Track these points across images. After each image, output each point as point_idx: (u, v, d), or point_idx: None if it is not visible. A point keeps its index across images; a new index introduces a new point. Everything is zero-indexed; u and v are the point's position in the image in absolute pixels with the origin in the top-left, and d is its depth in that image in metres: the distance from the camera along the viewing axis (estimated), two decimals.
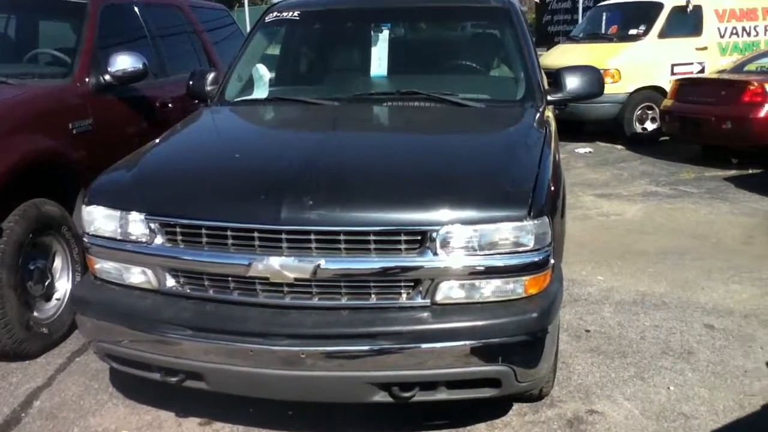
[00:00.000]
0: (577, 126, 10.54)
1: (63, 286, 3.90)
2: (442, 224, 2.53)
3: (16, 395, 3.34)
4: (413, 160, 3.08)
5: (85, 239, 2.93)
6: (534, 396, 3.10)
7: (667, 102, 9.20)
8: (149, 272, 2.76)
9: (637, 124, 10.21)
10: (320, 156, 3.01)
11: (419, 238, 2.54)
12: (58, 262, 3.90)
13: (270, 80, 4.34)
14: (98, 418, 3.12)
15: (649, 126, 10.22)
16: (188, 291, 2.73)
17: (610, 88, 9.11)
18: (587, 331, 3.96)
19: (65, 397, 3.32)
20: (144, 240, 2.74)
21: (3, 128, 3.62)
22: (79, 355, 3.71)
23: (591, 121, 10.43)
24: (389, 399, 2.62)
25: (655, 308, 4.27)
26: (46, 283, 3.80)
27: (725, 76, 8.82)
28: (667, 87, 9.60)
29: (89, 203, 2.89)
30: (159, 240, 2.72)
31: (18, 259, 3.54)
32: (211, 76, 4.18)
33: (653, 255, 5.25)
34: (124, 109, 4.65)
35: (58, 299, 3.88)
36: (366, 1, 4.78)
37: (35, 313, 3.71)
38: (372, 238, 2.54)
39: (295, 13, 4.43)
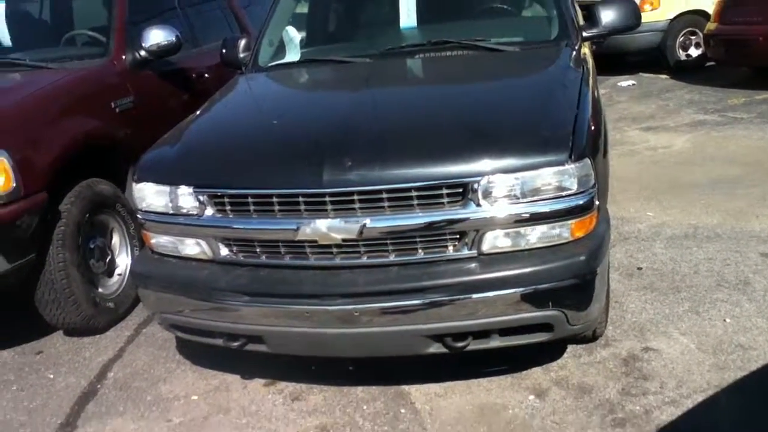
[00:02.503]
0: (618, 58, 10.24)
1: (123, 261, 4.05)
2: (482, 175, 2.54)
3: (91, 368, 3.51)
4: (448, 112, 3.07)
5: (138, 215, 3.04)
6: (588, 337, 3.12)
7: (711, 25, 8.84)
8: (203, 243, 2.85)
9: (680, 51, 9.85)
10: (356, 116, 3.04)
11: (461, 190, 2.56)
12: (116, 239, 4.04)
13: (301, 41, 4.35)
14: (169, 386, 3.28)
15: (694, 52, 9.85)
16: (242, 258, 2.82)
17: (649, 16, 8.84)
18: (639, 268, 3.94)
19: (136, 367, 3.48)
20: (195, 212, 2.82)
21: (50, 114, 3.74)
22: (145, 326, 3.87)
23: (632, 52, 10.11)
24: (444, 349, 2.69)
25: (707, 240, 4.21)
26: (107, 260, 3.96)
27: None
28: (710, 9, 9.21)
29: (139, 180, 2.99)
30: (209, 211, 2.80)
31: (78, 239, 3.68)
32: (242, 42, 4.21)
33: (704, 186, 5.14)
34: (162, 84, 4.72)
35: (120, 274, 4.04)
36: None
37: (100, 289, 3.87)
38: (414, 194, 2.56)
39: None
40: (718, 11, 8.75)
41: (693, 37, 9.79)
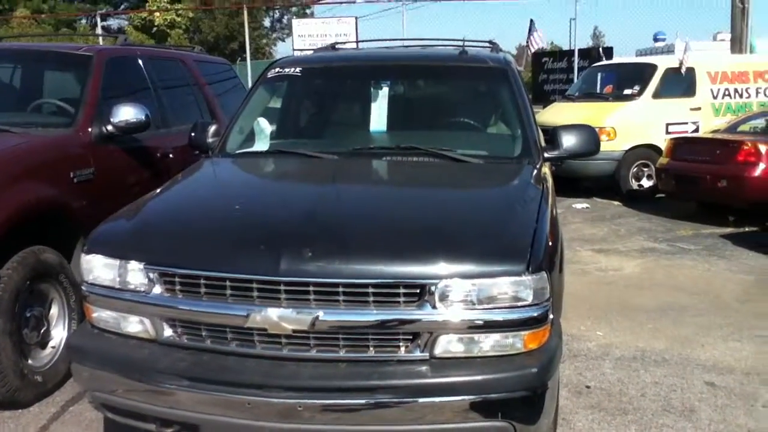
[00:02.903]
0: (574, 182, 10.64)
1: (59, 333, 3.88)
2: (440, 278, 2.54)
3: None
4: (412, 214, 3.09)
5: (83, 287, 2.92)
6: None
7: (663, 160, 9.31)
8: (147, 321, 2.74)
9: (633, 181, 10.31)
10: (319, 208, 3.04)
11: (418, 291, 2.55)
12: (54, 310, 3.89)
13: (271, 133, 4.40)
14: None
15: (645, 183, 10.32)
16: (185, 341, 2.72)
17: (606, 146, 9.25)
18: (587, 387, 3.92)
19: None
20: (142, 289, 2.74)
21: (4, 176, 3.66)
22: (72, 404, 3.67)
23: (588, 177, 10.54)
24: None
25: (655, 365, 4.24)
26: (42, 331, 3.78)
27: (720, 136, 8.96)
28: (663, 145, 9.73)
29: (89, 252, 2.90)
30: (157, 289, 2.71)
31: (15, 306, 3.53)
32: (212, 128, 4.24)
33: (652, 311, 5.23)
34: (125, 159, 4.71)
35: (53, 347, 3.85)
36: (366, 60, 4.89)
37: (30, 361, 3.68)
38: (371, 290, 2.54)
39: (297, 70, 4.52)
40: (670, 148, 9.24)
41: (645, 169, 10.28)
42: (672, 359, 4.32)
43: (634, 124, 10.24)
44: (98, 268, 2.84)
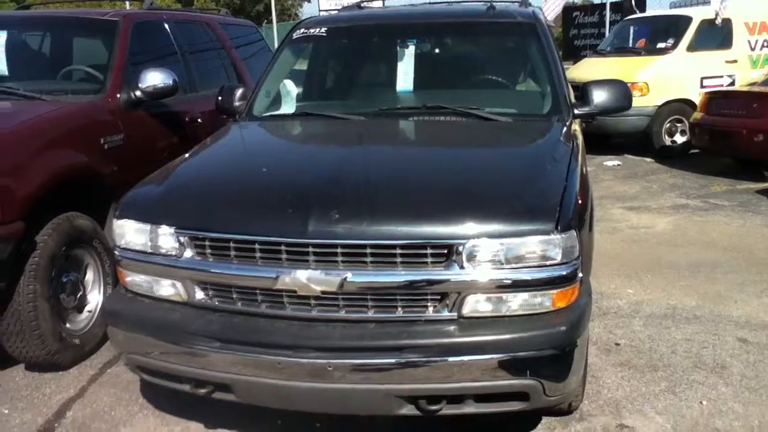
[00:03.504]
0: (605, 139, 10.47)
1: (95, 298, 3.96)
2: (468, 238, 2.53)
3: (50, 405, 3.39)
4: (439, 174, 3.09)
5: (116, 252, 2.98)
6: (563, 410, 3.07)
7: (697, 115, 9.10)
8: (179, 285, 2.79)
9: (666, 137, 10.11)
10: (346, 170, 3.04)
11: (445, 251, 2.55)
12: (90, 275, 3.97)
13: (297, 95, 4.39)
14: (129, 429, 3.16)
15: (679, 139, 10.11)
16: (217, 303, 2.76)
17: (638, 101, 9.06)
18: (617, 344, 3.91)
19: (97, 407, 3.36)
20: (173, 253, 2.78)
21: (37, 144, 3.71)
22: (110, 366, 3.76)
23: (619, 134, 10.35)
24: (416, 412, 2.62)
25: (686, 322, 4.21)
26: (79, 295, 3.87)
27: (757, 89, 8.70)
28: (697, 100, 9.50)
29: (120, 217, 2.94)
30: (188, 253, 2.76)
31: (51, 272, 3.61)
32: (239, 91, 4.24)
33: (684, 268, 5.18)
34: (154, 125, 4.74)
35: (90, 311, 3.94)
36: (392, 18, 4.84)
37: (68, 325, 3.77)
38: (398, 251, 2.54)
39: (322, 30, 4.48)
40: (705, 102, 9.02)
41: (679, 125, 10.06)
42: (704, 316, 4.28)
43: (667, 78, 9.99)
44: (130, 233, 2.89)
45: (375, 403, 2.65)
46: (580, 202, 2.80)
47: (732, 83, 10.14)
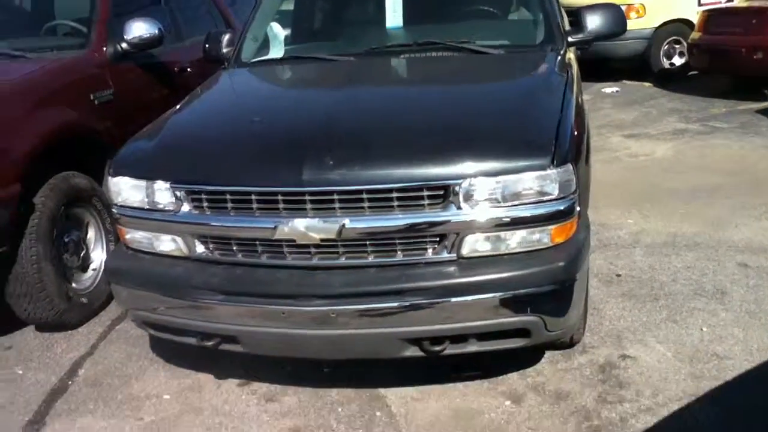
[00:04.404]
0: (602, 65, 10.30)
1: (98, 256, 3.98)
2: (464, 177, 2.52)
3: (62, 364, 3.45)
4: (432, 113, 3.04)
5: (114, 210, 2.98)
6: (565, 343, 3.11)
7: (695, 35, 8.92)
8: (179, 240, 2.80)
9: (664, 59, 9.93)
10: (338, 115, 3.00)
11: (442, 192, 2.54)
12: (91, 233, 3.97)
13: (285, 38, 4.30)
14: (141, 384, 3.22)
15: (677, 61, 9.94)
16: (218, 256, 2.77)
17: (634, 24, 8.89)
18: (618, 275, 3.94)
19: (108, 364, 3.42)
20: (171, 208, 2.77)
21: (27, 104, 3.66)
22: (118, 323, 3.81)
23: (617, 59, 10.16)
24: (420, 353, 2.66)
25: (686, 249, 4.22)
26: (82, 254, 3.88)
27: (756, 5, 8.50)
28: (695, 19, 9.29)
29: (115, 174, 2.92)
30: (186, 207, 2.75)
31: (52, 233, 3.61)
32: (226, 37, 4.16)
33: (684, 194, 5.17)
34: (143, 77, 4.66)
35: (94, 269, 3.97)
36: None
37: (73, 284, 3.80)
38: (395, 195, 2.53)
39: None
40: (703, 21, 8.84)
41: (677, 46, 9.88)
42: (704, 242, 4.29)
43: None
44: (126, 190, 2.88)
45: (379, 347, 2.69)
46: (576, 134, 2.78)
47: (730, 0, 9.91)
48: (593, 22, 3.74)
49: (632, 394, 2.87)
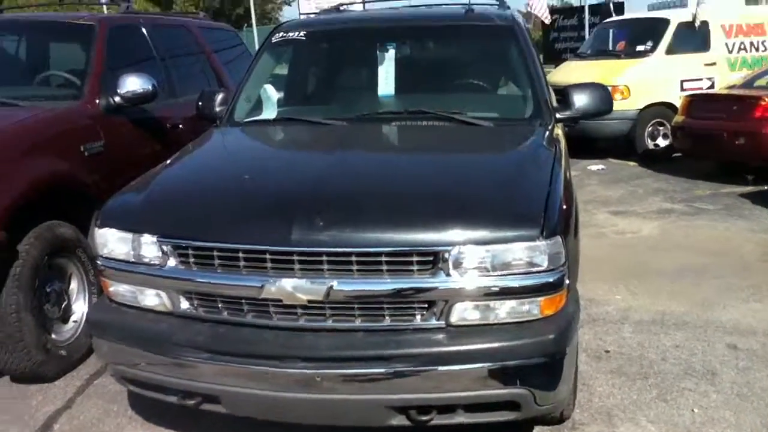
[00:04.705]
0: (588, 143, 10.50)
1: (80, 308, 3.90)
2: (454, 244, 2.51)
3: (36, 418, 3.33)
4: (423, 180, 3.06)
5: (99, 262, 2.92)
6: (555, 419, 3.05)
7: (678, 118, 9.14)
8: (163, 295, 2.74)
9: (648, 140, 10.15)
10: (329, 176, 3.00)
11: (431, 258, 2.52)
12: (74, 284, 3.90)
13: (278, 100, 4.34)
14: None
15: (661, 142, 10.15)
16: (203, 313, 2.71)
17: (619, 105, 9.08)
18: (607, 351, 3.90)
19: (84, 420, 3.31)
20: (157, 262, 2.73)
21: (16, 151, 3.64)
22: (97, 377, 3.71)
23: (602, 138, 10.38)
24: (407, 422, 2.58)
25: (675, 328, 4.20)
26: (63, 306, 3.81)
27: (736, 92, 8.76)
28: (678, 103, 9.54)
29: (102, 226, 2.89)
30: (172, 262, 2.70)
31: (35, 282, 3.55)
32: (219, 96, 4.20)
33: (671, 273, 5.18)
34: (134, 131, 4.67)
35: (75, 321, 3.88)
36: (372, 21, 4.81)
37: (53, 336, 3.71)
38: (384, 259, 2.51)
39: (302, 33, 4.44)
40: (685, 105, 9.07)
41: (661, 128, 10.10)
42: (692, 322, 4.27)
43: (648, 81, 10.04)
44: (112, 242, 2.84)
45: (365, 414, 2.62)
46: (564, 207, 2.78)
47: (711, 86, 10.21)
48: (580, 100, 3.82)
49: None
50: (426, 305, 2.55)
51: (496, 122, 3.75)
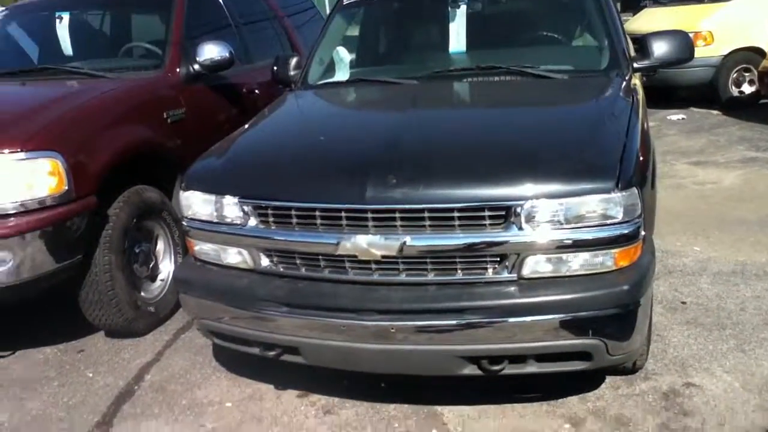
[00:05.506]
0: (669, 92, 10.11)
1: (166, 267, 4.12)
2: (526, 199, 2.53)
3: (129, 369, 3.57)
4: (495, 136, 3.08)
5: (183, 223, 3.10)
6: (627, 369, 3.06)
7: (766, 63, 8.69)
8: (245, 252, 2.89)
9: (733, 87, 9.68)
10: (402, 135, 3.05)
11: (503, 213, 2.55)
12: (160, 245, 4.13)
13: (350, 62, 4.41)
14: (204, 391, 3.31)
15: (747, 89, 9.66)
16: (282, 270, 2.85)
17: (702, 52, 8.70)
18: (683, 302, 3.85)
19: (173, 371, 3.52)
20: (238, 222, 2.87)
21: (104, 121, 3.85)
22: (184, 332, 3.93)
23: (684, 86, 9.96)
24: (478, 372, 2.66)
25: (756, 278, 4.09)
26: (151, 265, 4.04)
27: None
28: (766, 47, 9.05)
29: (186, 189, 3.05)
30: (252, 222, 2.84)
31: (124, 243, 3.77)
32: (294, 60, 4.29)
33: (753, 223, 5.01)
34: (213, 97, 4.83)
35: (162, 280, 4.11)
36: None
37: (142, 293, 3.95)
38: (456, 214, 2.56)
39: None
40: None
41: (747, 74, 9.60)
42: None
43: (733, 25, 9.52)
44: (196, 203, 3.00)
45: (438, 364, 2.71)
46: (641, 158, 2.76)
47: None
48: (660, 48, 3.72)
49: (697, 424, 2.79)
50: (498, 259, 2.60)
51: (570, 75, 3.70)
